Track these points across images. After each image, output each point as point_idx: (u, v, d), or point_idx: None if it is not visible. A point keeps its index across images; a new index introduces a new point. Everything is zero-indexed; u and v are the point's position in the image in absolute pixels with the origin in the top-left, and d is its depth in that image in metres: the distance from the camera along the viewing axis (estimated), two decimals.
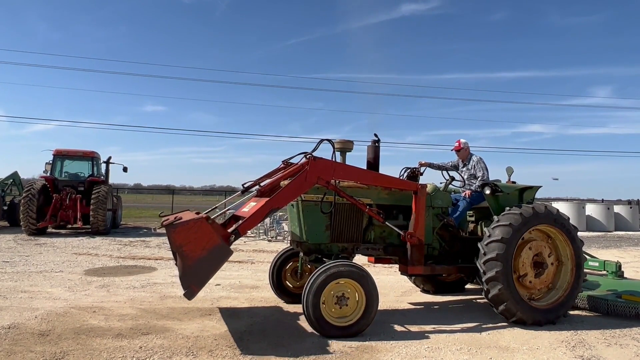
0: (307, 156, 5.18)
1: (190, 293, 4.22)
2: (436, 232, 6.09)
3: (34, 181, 15.79)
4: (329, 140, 5.55)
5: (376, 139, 6.08)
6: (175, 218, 4.67)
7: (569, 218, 5.94)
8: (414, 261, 5.67)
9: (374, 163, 6.08)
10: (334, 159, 5.40)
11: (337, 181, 5.42)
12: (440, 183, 6.55)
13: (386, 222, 5.62)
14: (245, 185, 5.91)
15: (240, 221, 4.85)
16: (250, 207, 5.19)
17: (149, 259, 10.34)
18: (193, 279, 4.25)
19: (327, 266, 4.86)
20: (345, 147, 5.89)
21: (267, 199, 4.92)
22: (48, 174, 15.92)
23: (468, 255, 5.99)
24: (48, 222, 14.69)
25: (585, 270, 6.17)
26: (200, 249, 4.26)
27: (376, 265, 9.35)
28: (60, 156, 16.45)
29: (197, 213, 5.32)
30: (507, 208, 5.73)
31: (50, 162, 16.23)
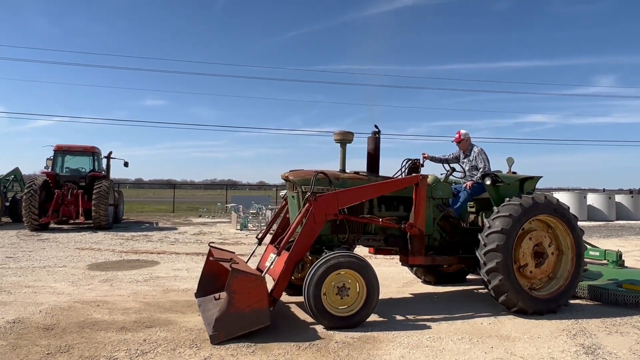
0: (308, 197, 5.19)
1: (216, 337, 4.31)
2: (437, 223, 6.11)
3: (35, 177, 15.81)
4: (323, 173, 5.57)
5: (376, 130, 6.08)
6: (231, 259, 5.05)
7: (568, 207, 5.95)
8: (414, 252, 5.71)
9: (374, 154, 6.09)
10: (333, 189, 5.43)
11: (344, 209, 5.45)
12: (441, 174, 6.55)
13: (385, 213, 5.66)
14: (258, 237, 6.36)
15: (273, 286, 4.90)
16: (271, 260, 5.25)
17: (152, 253, 10.38)
18: (226, 327, 4.36)
19: (327, 257, 4.89)
20: (345, 138, 5.90)
21: (287, 254, 5.00)
22: (49, 170, 15.95)
23: (469, 245, 6.00)
24: (50, 217, 14.73)
25: (586, 259, 6.18)
26: (247, 304, 4.42)
27: (377, 257, 9.39)
28: (61, 152, 16.46)
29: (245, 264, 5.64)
30: (507, 199, 5.74)
31: (51, 157, 16.25)
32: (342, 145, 5.92)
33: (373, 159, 6.08)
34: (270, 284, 4.87)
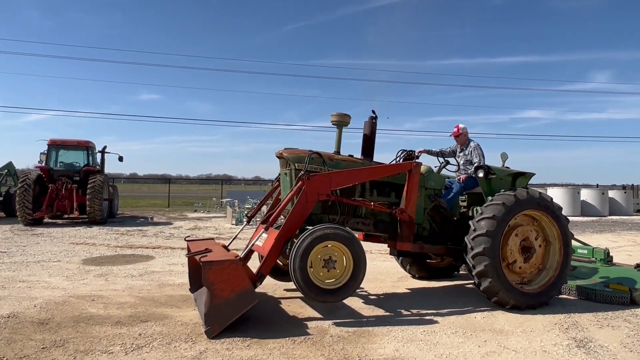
0: (301, 176, 5.18)
1: (211, 331, 4.32)
2: (427, 212, 6.14)
3: (29, 171, 15.72)
4: (317, 153, 5.56)
5: (374, 115, 6.10)
6: (205, 249, 4.96)
7: (552, 198, 5.96)
8: (403, 237, 5.70)
9: (370, 137, 6.11)
10: (326, 170, 5.44)
11: (337, 190, 5.45)
12: (435, 167, 6.59)
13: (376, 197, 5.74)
14: (249, 215, 6.46)
15: (261, 263, 4.93)
16: (261, 239, 5.26)
17: (147, 247, 10.37)
18: (217, 318, 4.37)
19: (313, 229, 4.87)
20: (342, 120, 5.89)
21: (277, 232, 4.98)
22: (43, 164, 15.85)
23: (458, 238, 6.02)
24: (44, 212, 14.67)
25: (574, 257, 6.21)
26: (229, 291, 4.41)
27: (372, 251, 9.43)
28: (55, 146, 16.35)
29: (224, 246, 5.65)
30: (490, 198, 5.74)
31: (45, 152, 16.15)
32: (338, 127, 5.92)
33: (368, 142, 6.09)
34: (257, 263, 4.87)
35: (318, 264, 4.86)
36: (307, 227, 5.59)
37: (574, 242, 6.30)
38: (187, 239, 6.14)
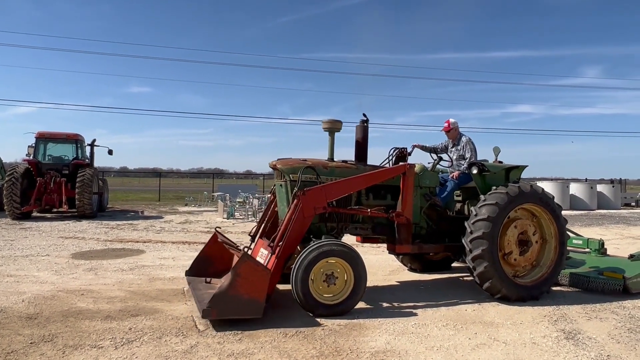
0: (296, 192, 5.17)
1: (208, 313, 4.33)
2: (423, 211, 6.16)
3: (16, 165, 15.51)
4: (311, 166, 5.54)
5: (365, 118, 6.07)
6: (244, 248, 5.13)
7: (553, 197, 6.05)
8: (401, 240, 5.75)
9: (362, 143, 6.10)
10: (319, 183, 5.42)
11: (332, 202, 5.44)
12: (429, 163, 6.59)
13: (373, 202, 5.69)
14: (251, 234, 6.21)
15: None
16: (261, 255, 5.27)
17: (137, 241, 10.29)
18: (222, 306, 4.38)
19: (320, 244, 4.91)
20: (334, 127, 5.88)
21: (278, 248, 4.99)
22: (31, 158, 15.62)
23: (455, 234, 6.07)
24: (32, 206, 14.49)
25: (569, 248, 6.29)
26: (245, 290, 4.44)
27: (364, 245, 9.44)
28: (43, 139, 16.12)
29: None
30: (494, 188, 5.81)
31: (33, 145, 15.91)
32: (330, 133, 5.90)
33: (361, 147, 6.09)
34: None
35: (319, 278, 4.90)
36: (305, 235, 5.59)
37: (568, 233, 6.36)
38: (216, 228, 6.22)
